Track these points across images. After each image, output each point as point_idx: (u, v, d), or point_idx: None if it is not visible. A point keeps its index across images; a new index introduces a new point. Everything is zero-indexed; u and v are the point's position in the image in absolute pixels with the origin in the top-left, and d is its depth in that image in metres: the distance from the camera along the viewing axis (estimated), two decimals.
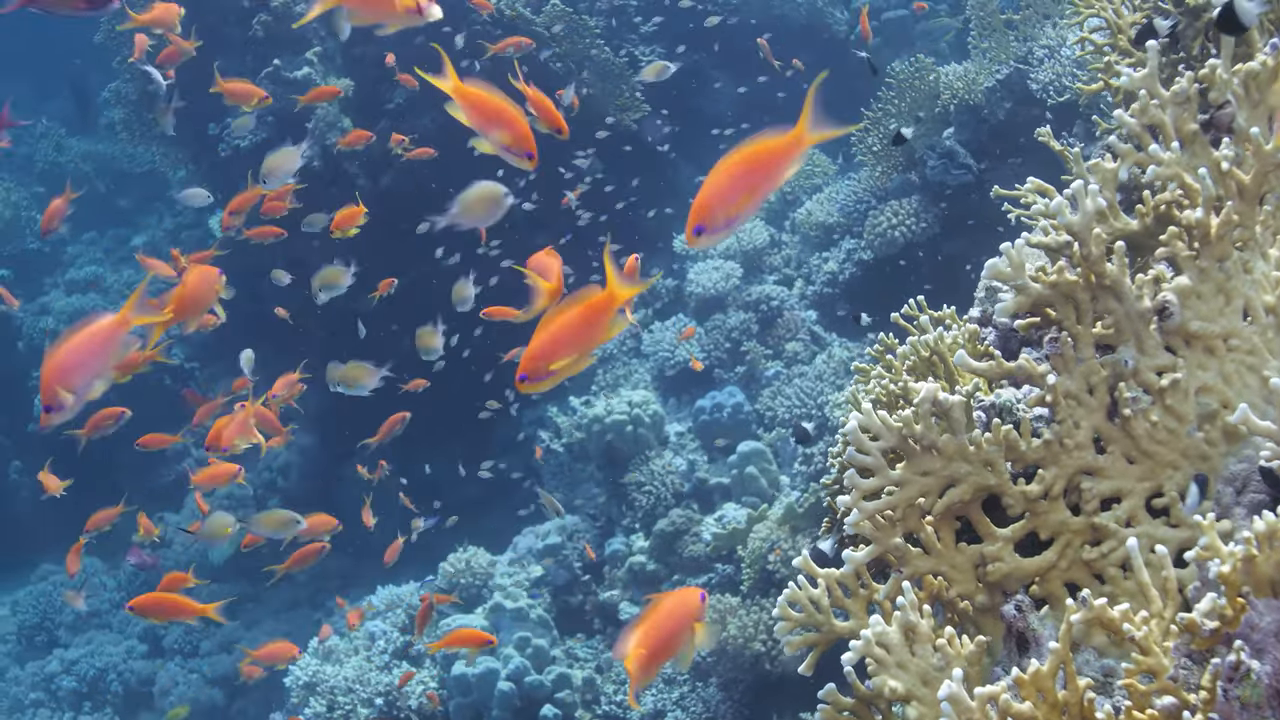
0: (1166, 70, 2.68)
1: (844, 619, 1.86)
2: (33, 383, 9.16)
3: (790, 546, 4.97)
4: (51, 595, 8.13)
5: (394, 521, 6.04)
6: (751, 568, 5.10)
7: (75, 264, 10.57)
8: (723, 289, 6.42)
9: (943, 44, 7.36)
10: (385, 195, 6.76)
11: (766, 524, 5.16)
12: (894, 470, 1.79)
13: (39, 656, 7.87)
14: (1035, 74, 5.48)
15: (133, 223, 10.90)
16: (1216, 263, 1.78)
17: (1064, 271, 1.77)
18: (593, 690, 5.43)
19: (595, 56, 6.98)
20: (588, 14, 7.06)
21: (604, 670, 5.58)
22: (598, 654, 5.66)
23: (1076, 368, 1.78)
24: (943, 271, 5.67)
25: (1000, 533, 1.79)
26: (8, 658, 7.91)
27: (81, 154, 11.63)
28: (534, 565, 6.02)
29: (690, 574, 5.57)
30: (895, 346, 2.46)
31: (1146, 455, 1.77)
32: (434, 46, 2.98)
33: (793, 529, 5.03)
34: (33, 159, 11.67)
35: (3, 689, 7.70)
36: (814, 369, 6.07)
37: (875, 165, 6.00)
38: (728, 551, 5.40)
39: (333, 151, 6.67)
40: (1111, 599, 1.73)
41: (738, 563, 5.30)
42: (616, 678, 5.53)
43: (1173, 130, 1.90)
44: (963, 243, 5.64)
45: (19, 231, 10.47)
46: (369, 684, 5.52)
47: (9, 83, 12.43)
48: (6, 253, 10.23)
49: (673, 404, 6.32)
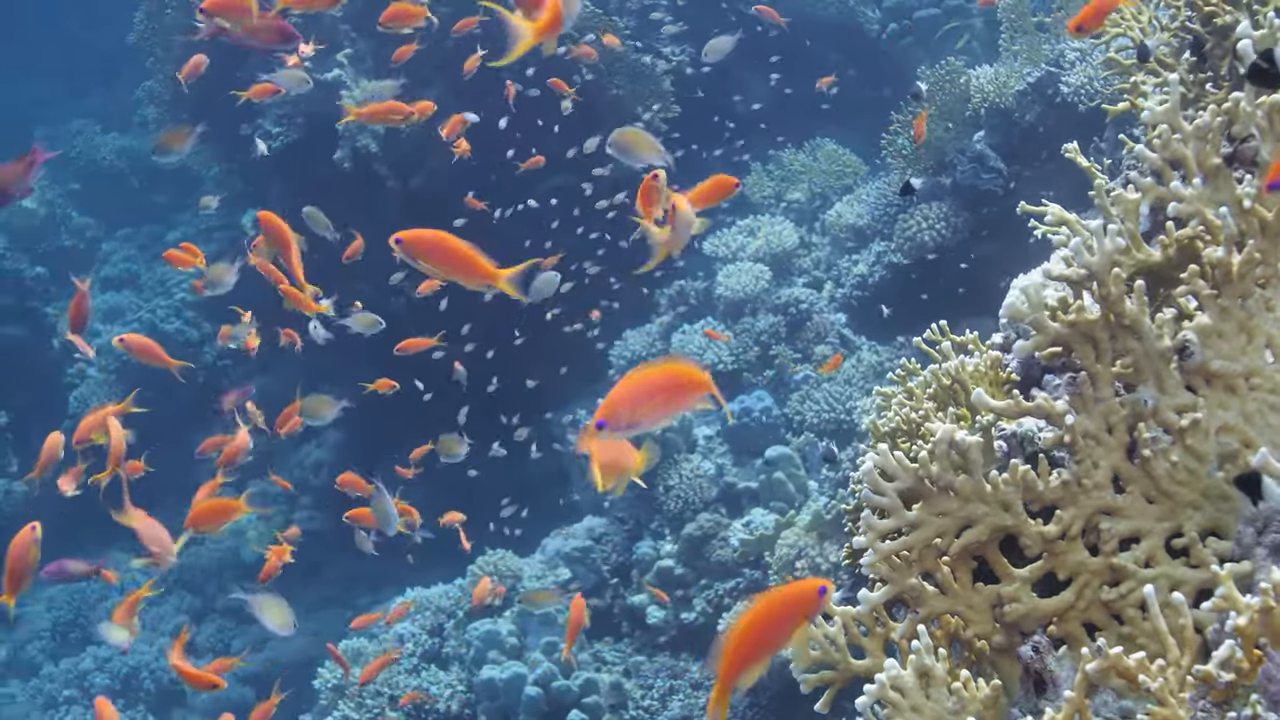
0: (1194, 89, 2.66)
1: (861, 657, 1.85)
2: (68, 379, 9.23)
3: (818, 554, 4.96)
4: (85, 592, 8.18)
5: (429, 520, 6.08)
6: (779, 575, 5.09)
7: (110, 261, 10.64)
8: (752, 291, 6.40)
9: (958, 47, 7.29)
10: (414, 197, 6.78)
11: (794, 531, 5.15)
12: (910, 511, 1.78)
13: (73, 653, 7.93)
14: (1067, 77, 5.44)
15: (167, 219, 10.95)
16: (1238, 301, 1.76)
17: (1082, 311, 1.76)
18: (619, 694, 5.43)
19: (625, 57, 6.96)
20: (617, 15, 7.04)
21: (631, 674, 5.58)
22: (625, 657, 5.67)
23: (1095, 407, 1.77)
24: (973, 275, 5.64)
25: (1017, 573, 1.78)
26: (42, 654, 7.97)
27: (116, 150, 11.69)
28: (562, 568, 6.03)
29: (718, 578, 5.56)
30: (917, 371, 2.45)
31: (1166, 495, 1.76)
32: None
33: (820, 536, 5.02)
34: (68, 156, 11.73)
35: (37, 686, 7.77)
36: (842, 373, 6.04)
37: (905, 169, 5.97)
38: (755, 557, 5.40)
39: (363, 154, 6.68)
40: (1130, 640, 1.73)
41: (765, 568, 5.29)
42: (644, 683, 5.53)
43: (1195, 165, 1.88)
44: (993, 246, 5.60)
45: (54, 229, 10.53)
46: (397, 687, 5.54)
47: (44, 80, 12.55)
48: (42, 250, 10.28)
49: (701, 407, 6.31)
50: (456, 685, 5.51)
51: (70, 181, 11.45)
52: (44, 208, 10.46)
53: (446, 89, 6.88)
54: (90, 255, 10.71)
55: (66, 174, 11.58)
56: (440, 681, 5.59)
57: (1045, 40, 5.64)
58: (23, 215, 10.20)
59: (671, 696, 5.45)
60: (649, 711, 5.41)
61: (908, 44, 7.81)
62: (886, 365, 5.99)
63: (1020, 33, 5.70)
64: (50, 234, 10.48)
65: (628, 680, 5.54)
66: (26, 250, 9.95)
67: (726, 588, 5.51)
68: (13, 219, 10.12)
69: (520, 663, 5.30)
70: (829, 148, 7.29)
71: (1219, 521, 1.76)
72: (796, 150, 7.32)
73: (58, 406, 8.79)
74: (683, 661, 5.55)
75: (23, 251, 9.86)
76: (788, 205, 7.13)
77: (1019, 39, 5.71)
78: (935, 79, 5.81)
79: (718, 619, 5.30)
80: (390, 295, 7.21)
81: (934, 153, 5.87)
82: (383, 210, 6.50)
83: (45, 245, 10.38)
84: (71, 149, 11.72)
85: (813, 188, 7.16)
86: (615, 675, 5.51)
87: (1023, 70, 5.67)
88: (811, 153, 7.27)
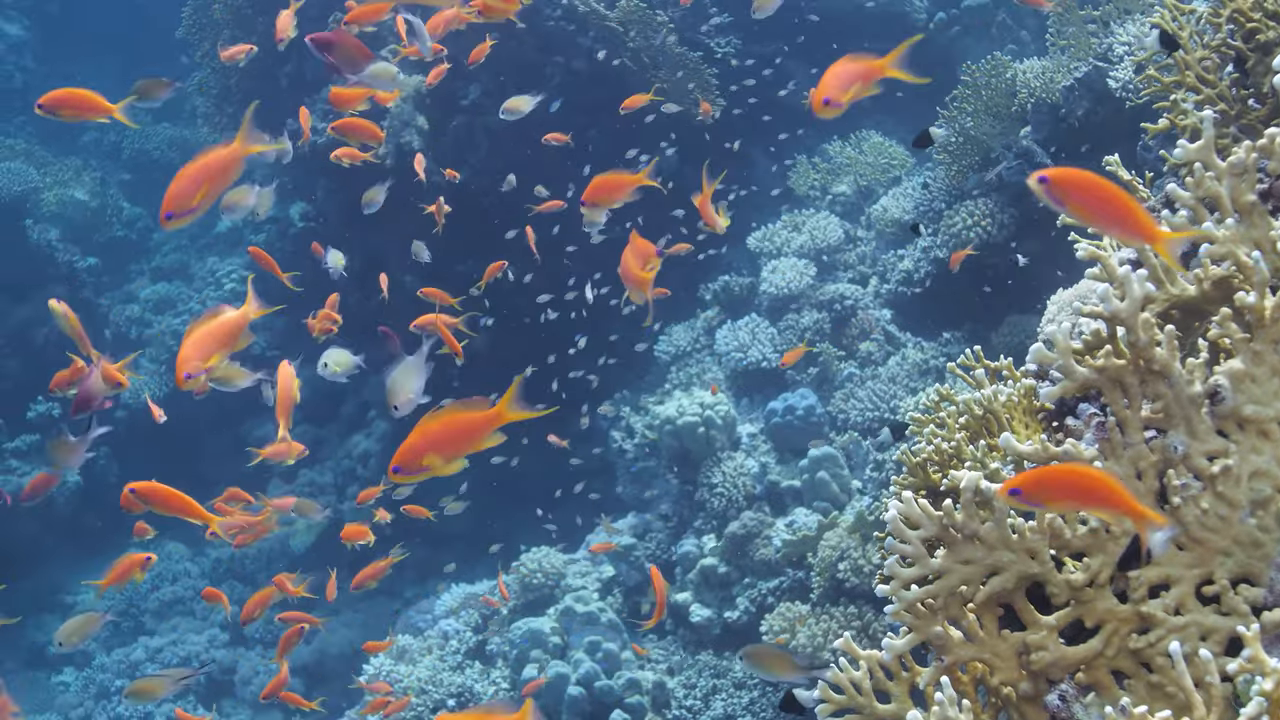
0: (1236, 105, 2.62)
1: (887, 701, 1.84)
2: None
3: (860, 555, 4.94)
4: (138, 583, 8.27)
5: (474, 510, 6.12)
6: (822, 576, 5.07)
7: (160, 251, 10.72)
8: (796, 287, 6.35)
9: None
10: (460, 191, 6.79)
11: (837, 532, 5.13)
12: (935, 559, 1.76)
13: (125, 643, 8.03)
14: (1115, 72, 5.36)
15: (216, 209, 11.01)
16: (1271, 345, 1.73)
17: (1110, 356, 1.73)
18: (663, 693, 5.44)
19: (668, 50, 6.94)
20: (660, 8, 7.01)
21: (674, 673, 5.59)
22: (669, 656, 5.67)
23: (1124, 453, 1.75)
24: (1018, 272, 5.59)
25: (1044, 620, 1.76)
26: (95, 644, 8.07)
27: (167, 141, 11.76)
28: (606, 565, 6.05)
29: (761, 577, 5.55)
30: (952, 398, 2.42)
31: (1197, 542, 1.74)
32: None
33: (863, 537, 4.99)
34: (120, 146, 11.83)
35: (89, 675, 7.88)
36: (887, 370, 6.00)
37: (951, 164, 5.91)
38: (798, 558, 5.38)
39: (406, 149, 6.70)
40: (1159, 689, 1.71)
41: (809, 568, 5.27)
42: (687, 682, 5.54)
43: (1229, 204, 1.85)
44: (1039, 244, 5.54)
45: (106, 220, 10.61)
46: (441, 684, 5.58)
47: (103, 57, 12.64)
48: (95, 240, 10.38)
49: (745, 404, 6.28)
50: (500, 683, 5.54)
51: (121, 172, 11.54)
52: (96, 199, 10.54)
53: (491, 81, 6.90)
54: (142, 246, 10.81)
55: (118, 165, 11.68)
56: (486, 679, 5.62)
57: (1094, 34, 5.56)
58: (75, 206, 10.30)
59: (714, 696, 5.45)
60: (691, 711, 5.42)
61: (955, 33, 7.73)
62: (931, 363, 5.94)
63: (1068, 25, 5.62)
64: (102, 225, 10.55)
65: (671, 679, 5.54)
66: (79, 241, 10.04)
67: (770, 586, 5.50)
68: (65, 210, 10.21)
69: (563, 662, 5.32)
70: (875, 140, 7.22)
71: (1250, 568, 1.73)
72: (843, 143, 7.26)
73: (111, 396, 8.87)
74: (726, 660, 5.55)
75: (75, 242, 9.94)
76: (833, 199, 7.08)
77: (1067, 32, 5.63)
78: (981, 73, 5.74)
79: (761, 618, 5.29)
80: (436, 287, 7.24)
81: (980, 149, 5.81)
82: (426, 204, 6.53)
83: (98, 236, 10.47)
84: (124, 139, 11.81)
85: (859, 181, 7.09)
86: (659, 674, 5.52)
87: (1070, 64, 5.59)
88: (857, 145, 7.21)
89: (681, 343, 6.68)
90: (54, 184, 10.29)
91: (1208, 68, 2.64)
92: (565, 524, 6.73)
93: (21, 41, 12.25)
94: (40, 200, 9.89)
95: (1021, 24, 7.56)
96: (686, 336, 6.73)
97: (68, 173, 10.59)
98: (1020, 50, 6.96)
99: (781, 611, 5.14)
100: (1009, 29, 7.52)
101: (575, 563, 6.13)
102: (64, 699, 7.79)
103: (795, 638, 4.92)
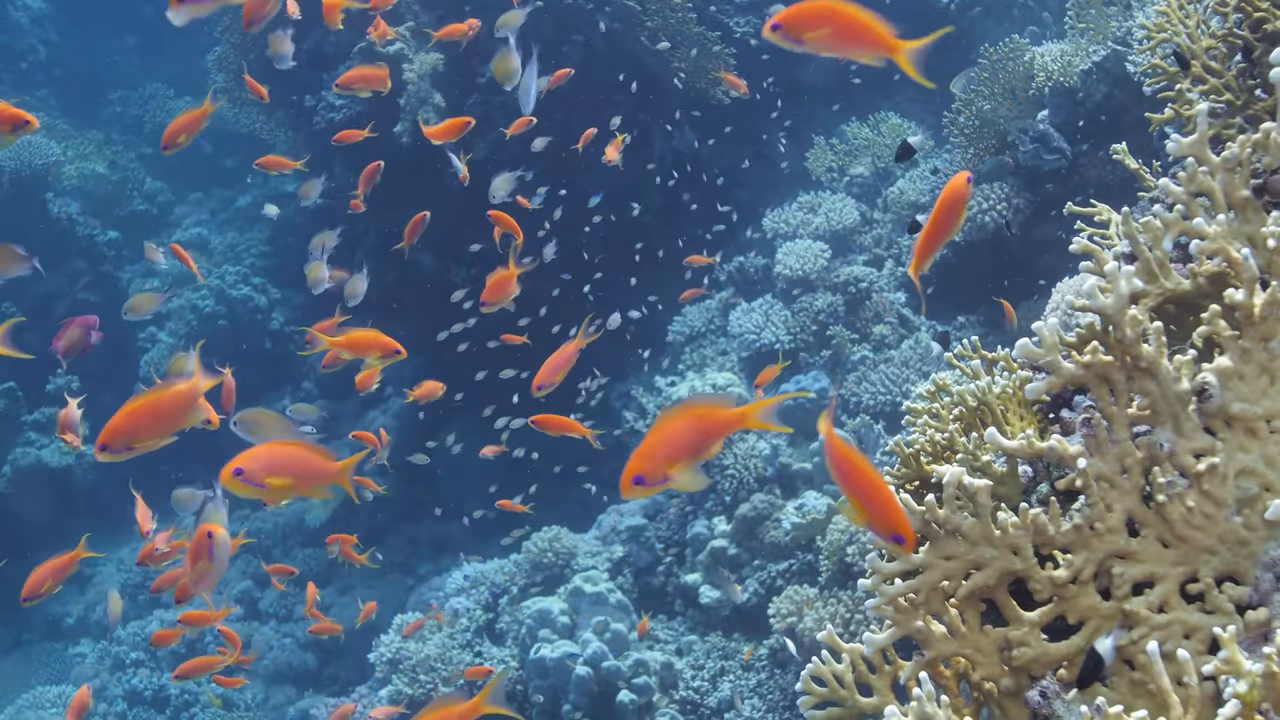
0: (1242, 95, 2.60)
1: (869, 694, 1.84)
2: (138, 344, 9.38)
3: (869, 538, 4.93)
4: None
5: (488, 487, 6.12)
6: (830, 559, 5.07)
7: (182, 225, 10.75)
8: (810, 269, 6.33)
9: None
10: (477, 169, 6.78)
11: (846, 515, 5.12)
12: (917, 554, 1.76)
13: (142, 615, 8.09)
14: (1133, 56, 5.32)
15: (238, 183, 11.05)
16: (1260, 343, 1.72)
17: (1097, 352, 1.72)
18: (670, 674, 5.45)
19: (687, 30, 6.91)
20: None
21: (683, 653, 5.60)
22: (678, 636, 5.68)
23: (1110, 450, 1.74)
24: (1033, 256, 5.56)
25: (1026, 616, 1.75)
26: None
27: None
28: (616, 545, 6.05)
29: (772, 559, 5.56)
30: (949, 387, 2.41)
31: (1182, 540, 1.72)
32: None
33: None
34: (141, 120, 11.85)
35: (105, 648, 7.94)
36: (900, 354, 5.99)
37: (967, 147, 5.88)
38: (806, 541, 5.38)
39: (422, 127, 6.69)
40: (1141, 687, 1.70)
41: (817, 551, 5.27)
42: (695, 663, 5.55)
43: (1222, 198, 1.83)
44: (1054, 228, 5.51)
45: (127, 194, 10.64)
46: (451, 662, 5.60)
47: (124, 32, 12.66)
48: (115, 214, 10.41)
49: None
50: (510, 661, 5.56)
51: (142, 146, 11.56)
52: (117, 173, 10.57)
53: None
54: (163, 220, 10.84)
55: (139, 138, 11.70)
56: (494, 658, 5.64)
57: (1113, 17, 5.52)
58: (96, 180, 10.33)
59: (722, 677, 5.46)
60: (699, 692, 5.43)
61: (977, 14, 7.67)
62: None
63: (1088, 8, 5.58)
64: (123, 199, 10.58)
65: (679, 659, 5.55)
66: (99, 215, 10.08)
67: (780, 569, 5.50)
68: (86, 184, 10.24)
69: (571, 641, 5.33)
70: (893, 121, 7.18)
71: (1236, 567, 1.72)
72: (860, 124, 7.22)
73: (129, 370, 8.93)
74: (734, 642, 5.56)
75: (96, 216, 9.98)
76: (850, 180, 7.05)
77: (1085, 14, 5.59)
78: (998, 56, 5.70)
79: (770, 600, 5.29)
80: (451, 264, 7.26)
81: (996, 132, 5.77)
82: (442, 183, 6.51)
83: (118, 209, 10.50)
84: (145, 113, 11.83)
85: (876, 163, 7.06)
86: (667, 655, 5.52)
87: (1088, 48, 5.55)
88: (875, 126, 7.17)
89: (696, 324, 6.68)
90: (75, 157, 10.33)
91: (1215, 57, 2.61)
92: (578, 500, 6.75)
93: (44, 14, 12.26)
94: (61, 173, 9.92)
95: (1044, 5, 7.50)
96: (700, 318, 6.72)
97: (89, 146, 10.62)
98: (1041, 32, 6.91)
99: (790, 594, 5.14)
100: (1030, 10, 7.46)
101: (586, 542, 6.13)
102: (80, 671, 7.85)
103: (802, 620, 4.92)
